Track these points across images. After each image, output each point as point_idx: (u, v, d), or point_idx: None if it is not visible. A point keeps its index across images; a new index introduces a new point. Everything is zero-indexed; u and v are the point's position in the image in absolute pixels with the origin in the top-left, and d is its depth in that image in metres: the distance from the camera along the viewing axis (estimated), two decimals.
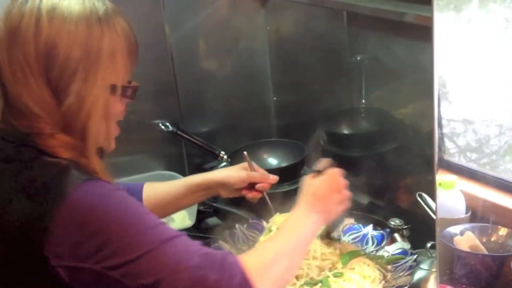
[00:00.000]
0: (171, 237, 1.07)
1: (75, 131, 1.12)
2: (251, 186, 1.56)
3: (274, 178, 1.58)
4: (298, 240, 1.22)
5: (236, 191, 1.56)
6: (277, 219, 1.57)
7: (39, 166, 1.09)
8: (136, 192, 1.52)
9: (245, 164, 1.57)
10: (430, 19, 1.04)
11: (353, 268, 1.45)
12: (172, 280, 1.03)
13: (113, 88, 1.14)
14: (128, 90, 1.18)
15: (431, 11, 1.01)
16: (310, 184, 1.35)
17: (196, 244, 1.10)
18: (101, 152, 1.22)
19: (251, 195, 1.56)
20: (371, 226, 1.63)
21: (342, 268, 1.46)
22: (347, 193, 1.37)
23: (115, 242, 1.04)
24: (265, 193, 1.58)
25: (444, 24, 1.16)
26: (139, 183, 1.56)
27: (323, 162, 1.41)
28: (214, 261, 1.07)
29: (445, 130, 1.46)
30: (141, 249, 1.04)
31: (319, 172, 1.38)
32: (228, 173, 1.54)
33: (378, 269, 1.47)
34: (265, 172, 1.58)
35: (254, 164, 1.57)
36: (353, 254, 1.50)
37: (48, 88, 1.10)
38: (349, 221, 1.66)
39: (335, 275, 1.43)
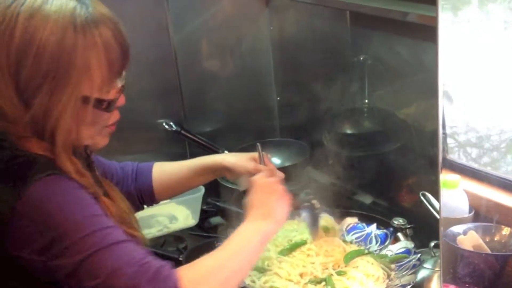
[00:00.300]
0: (118, 242, 1.09)
1: (46, 136, 1.12)
2: None
3: (280, 175, 1.57)
4: (239, 250, 1.20)
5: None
6: None
7: (8, 157, 1.10)
8: (145, 172, 1.54)
9: (255, 154, 1.54)
10: (433, 19, 1.04)
11: (357, 267, 1.46)
12: (108, 284, 1.05)
13: (85, 100, 1.12)
14: (103, 103, 1.15)
15: (435, 11, 1.01)
16: (245, 202, 1.33)
17: (140, 253, 1.10)
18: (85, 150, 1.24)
19: None
20: (374, 225, 1.63)
21: (346, 266, 1.46)
22: (281, 189, 1.34)
23: (66, 240, 1.06)
24: None
25: (448, 23, 1.16)
26: (149, 163, 1.57)
27: (243, 180, 1.41)
28: (148, 272, 1.07)
29: (447, 130, 1.47)
30: (88, 249, 1.06)
31: (245, 191, 1.36)
32: (236, 161, 1.52)
33: (382, 268, 1.47)
34: (273, 168, 1.55)
35: (266, 157, 1.55)
36: (357, 253, 1.51)
37: (16, 94, 1.10)
38: (352, 220, 1.66)
39: (339, 274, 1.43)
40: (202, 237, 1.89)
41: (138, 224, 1.36)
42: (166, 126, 2.12)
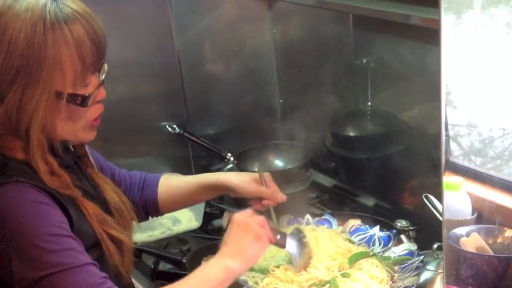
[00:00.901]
0: (74, 266, 1.09)
1: (20, 133, 1.14)
2: (260, 197, 1.56)
3: (282, 197, 1.56)
4: (202, 283, 1.22)
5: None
6: None
7: None
8: (152, 184, 1.56)
9: (257, 176, 1.56)
10: (436, 22, 1.04)
11: (361, 268, 1.46)
12: None
13: (58, 95, 1.14)
14: (77, 99, 1.16)
15: (438, 13, 1.02)
16: (223, 239, 1.33)
17: (100, 277, 1.12)
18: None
19: (256, 207, 1.55)
20: (377, 227, 1.63)
21: (350, 268, 1.47)
22: (258, 230, 1.32)
23: (21, 254, 1.07)
24: (271, 208, 1.58)
25: (451, 26, 1.17)
26: (157, 175, 1.59)
27: (225, 217, 1.43)
28: None
29: (450, 133, 1.47)
30: (45, 269, 1.07)
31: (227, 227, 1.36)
32: (239, 182, 1.54)
33: (386, 270, 1.47)
34: (276, 189, 1.56)
35: (267, 177, 1.56)
36: (362, 255, 1.51)
37: None
38: (355, 222, 1.67)
39: (343, 275, 1.43)
40: (205, 240, 1.90)
41: (130, 220, 1.37)
42: (170, 129, 2.13)
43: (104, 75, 1.22)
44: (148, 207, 1.56)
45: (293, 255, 1.47)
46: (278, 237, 1.42)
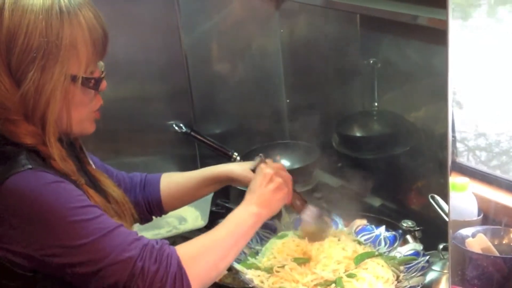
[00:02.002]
0: (111, 229, 1.14)
1: (35, 118, 1.17)
2: None
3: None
4: (233, 230, 1.29)
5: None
6: None
7: None
8: (153, 182, 1.57)
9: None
10: (443, 22, 1.05)
11: (367, 268, 1.46)
12: (112, 270, 1.12)
13: (73, 78, 1.18)
14: (91, 81, 1.21)
15: (446, 14, 1.02)
16: (249, 186, 1.41)
17: (134, 235, 1.17)
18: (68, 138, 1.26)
19: None
20: (383, 227, 1.63)
21: (356, 268, 1.47)
22: (279, 180, 1.40)
23: (51, 231, 1.11)
24: None
25: (458, 26, 1.17)
26: (157, 174, 1.60)
27: (256, 160, 1.48)
28: (152, 252, 1.16)
29: (456, 134, 1.47)
30: (80, 239, 1.11)
31: (253, 171, 1.46)
32: (242, 171, 1.55)
33: (391, 270, 1.48)
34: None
35: (270, 162, 1.53)
36: (367, 255, 1.51)
37: (8, 75, 1.15)
38: (361, 222, 1.67)
39: (349, 276, 1.44)
40: None
41: (130, 213, 1.40)
42: (176, 128, 2.14)
43: (103, 68, 1.26)
44: (152, 206, 1.56)
45: (306, 222, 1.53)
46: (298, 202, 1.50)
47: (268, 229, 1.67)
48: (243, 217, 1.33)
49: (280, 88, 2.32)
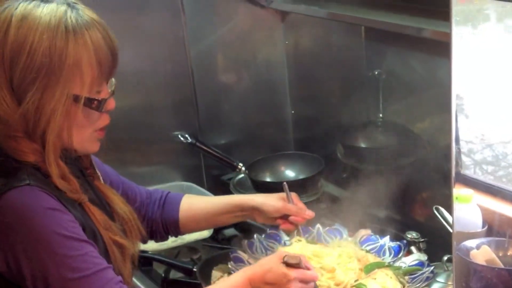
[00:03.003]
0: (92, 272, 1.12)
1: (36, 136, 1.17)
2: (287, 216, 1.55)
3: (310, 213, 1.57)
4: None
5: (271, 219, 1.56)
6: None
7: None
8: (174, 202, 1.55)
9: (283, 194, 1.56)
10: (448, 35, 1.05)
11: (375, 278, 1.46)
12: None
13: (76, 99, 1.17)
14: (94, 102, 1.20)
15: (449, 27, 1.03)
16: (270, 263, 1.31)
17: (116, 281, 1.15)
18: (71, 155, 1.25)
19: (284, 226, 1.56)
20: (388, 237, 1.64)
21: (366, 277, 1.47)
22: None
23: (39, 259, 1.10)
24: (299, 227, 1.58)
25: (462, 39, 1.17)
26: (179, 194, 1.59)
27: (295, 258, 1.33)
28: None
29: (461, 146, 1.47)
30: (64, 275, 1.10)
31: (286, 263, 1.32)
32: (265, 200, 1.54)
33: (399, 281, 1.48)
34: (303, 207, 1.56)
35: (294, 196, 1.57)
36: (377, 265, 1.51)
37: (10, 92, 1.15)
38: (366, 232, 1.67)
39: (358, 286, 1.44)
40: (216, 248, 1.90)
41: (137, 230, 1.38)
42: (182, 138, 2.14)
43: (114, 87, 1.25)
44: (169, 226, 1.55)
45: None
46: None
47: (273, 239, 1.66)
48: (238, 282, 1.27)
49: (285, 99, 2.33)
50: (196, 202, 1.58)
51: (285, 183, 1.56)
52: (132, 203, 1.46)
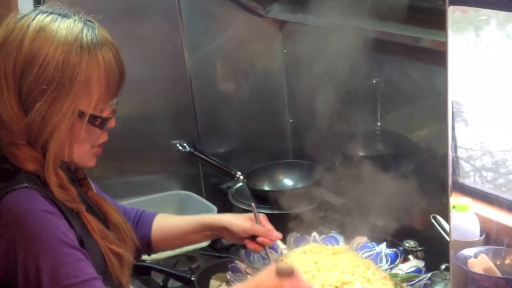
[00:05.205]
0: (81, 280, 1.12)
1: (37, 145, 1.18)
2: (255, 237, 1.56)
3: (277, 235, 1.57)
4: None
5: (239, 239, 1.57)
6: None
7: None
8: (147, 221, 1.56)
9: (251, 215, 1.57)
10: (445, 44, 1.06)
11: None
12: None
13: (81, 114, 1.18)
14: (97, 120, 1.21)
15: (445, 36, 1.03)
16: (261, 276, 1.32)
17: None
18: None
19: (251, 246, 1.56)
20: (384, 244, 1.64)
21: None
22: None
23: (30, 261, 1.10)
24: (266, 248, 1.57)
25: (460, 48, 1.18)
26: (153, 212, 1.59)
27: (286, 269, 1.32)
28: None
29: (460, 153, 1.47)
30: (53, 280, 1.10)
31: (279, 273, 1.30)
32: (233, 220, 1.55)
33: None
34: (271, 228, 1.57)
35: (262, 217, 1.57)
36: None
37: (18, 101, 1.16)
38: (362, 239, 1.67)
39: None
40: (215, 257, 1.90)
41: (131, 240, 1.39)
42: (180, 147, 2.15)
43: (116, 106, 1.27)
44: (142, 245, 1.54)
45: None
46: None
47: (271, 249, 1.66)
48: None
49: (283, 108, 2.33)
50: (169, 221, 1.58)
51: (253, 204, 1.57)
52: None
